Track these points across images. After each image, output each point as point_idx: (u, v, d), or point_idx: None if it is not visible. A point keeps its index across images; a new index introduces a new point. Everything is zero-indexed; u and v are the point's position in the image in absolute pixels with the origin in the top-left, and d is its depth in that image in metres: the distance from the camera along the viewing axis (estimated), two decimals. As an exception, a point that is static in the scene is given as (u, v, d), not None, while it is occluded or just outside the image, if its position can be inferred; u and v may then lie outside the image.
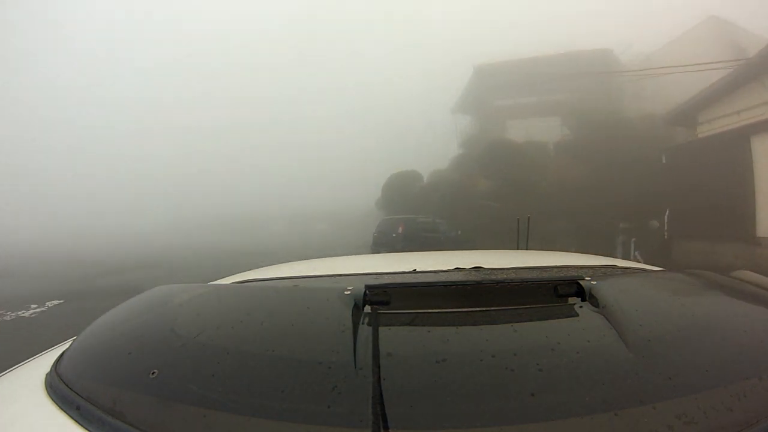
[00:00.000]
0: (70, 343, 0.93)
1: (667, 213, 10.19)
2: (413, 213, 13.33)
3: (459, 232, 12.48)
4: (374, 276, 1.11)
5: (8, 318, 6.58)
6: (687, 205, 9.55)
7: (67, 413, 0.65)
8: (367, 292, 0.73)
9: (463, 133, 17.77)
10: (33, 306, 7.36)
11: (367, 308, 0.72)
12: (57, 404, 0.68)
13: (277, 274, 1.30)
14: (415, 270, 1.15)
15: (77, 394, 0.68)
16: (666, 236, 10.25)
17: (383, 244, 11.85)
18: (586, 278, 0.79)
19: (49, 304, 7.57)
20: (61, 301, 7.72)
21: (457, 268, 1.12)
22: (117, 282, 10.47)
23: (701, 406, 0.57)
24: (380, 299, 0.73)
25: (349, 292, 0.74)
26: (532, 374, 0.61)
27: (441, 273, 1.09)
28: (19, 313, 6.91)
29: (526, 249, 2.31)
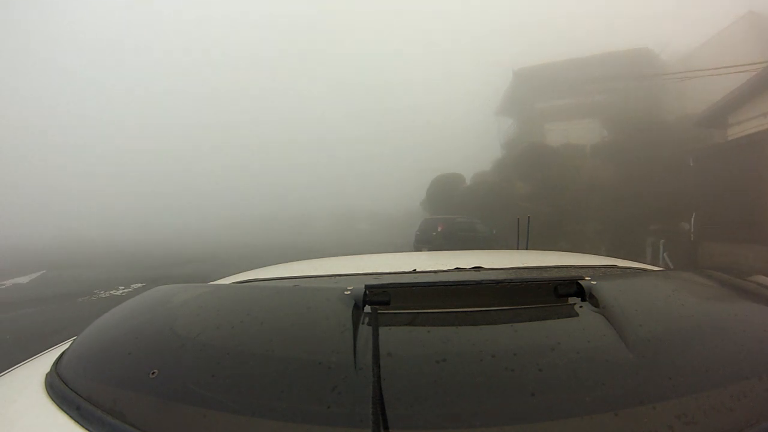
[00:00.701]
0: (70, 343, 0.94)
1: (693, 216, 10.19)
2: (456, 213, 13.84)
3: (494, 231, 12.84)
4: (374, 276, 1.11)
5: (103, 295, 8.51)
6: (713, 207, 9.52)
7: (67, 413, 0.65)
8: (367, 292, 0.73)
9: (504, 136, 17.90)
10: (121, 287, 9.38)
11: (367, 308, 0.72)
12: (57, 404, 0.68)
13: (277, 274, 1.31)
14: (415, 270, 1.15)
15: (77, 394, 0.68)
16: (692, 238, 10.24)
17: (424, 241, 12.48)
18: (586, 278, 0.79)
19: (134, 286, 9.49)
20: (143, 284, 9.49)
21: (457, 268, 1.12)
22: (189, 271, 12.34)
23: (701, 406, 0.57)
24: (380, 299, 0.73)
25: (349, 292, 0.74)
26: (532, 374, 0.61)
27: (441, 273, 1.09)
28: (111, 292, 8.84)
29: (526, 249, 2.31)
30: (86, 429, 0.61)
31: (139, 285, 9.47)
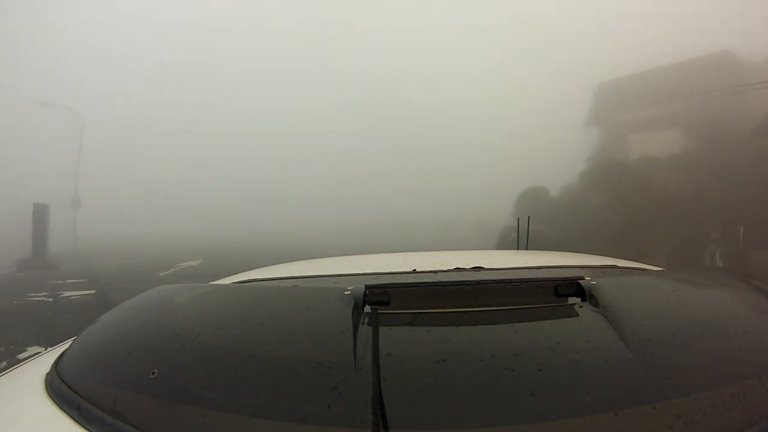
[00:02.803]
0: (70, 343, 0.94)
1: (742, 224, 10.21)
2: (540, 224, 14.47)
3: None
4: (374, 276, 1.11)
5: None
6: (764, 215, 9.57)
7: (67, 413, 0.65)
8: (367, 292, 0.73)
9: (587, 148, 18.30)
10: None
11: (367, 308, 0.72)
12: (57, 404, 0.68)
13: (277, 274, 1.31)
14: (415, 270, 1.15)
15: (77, 394, 0.68)
16: (741, 246, 10.23)
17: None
18: (586, 278, 0.79)
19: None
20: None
21: (457, 268, 1.12)
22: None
23: (701, 406, 0.57)
24: (380, 299, 0.73)
25: (349, 292, 0.74)
26: (532, 374, 0.61)
27: (441, 273, 1.09)
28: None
29: (526, 249, 2.30)
30: (86, 429, 0.61)
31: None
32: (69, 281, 10.18)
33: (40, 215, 13.32)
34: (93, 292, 8.75)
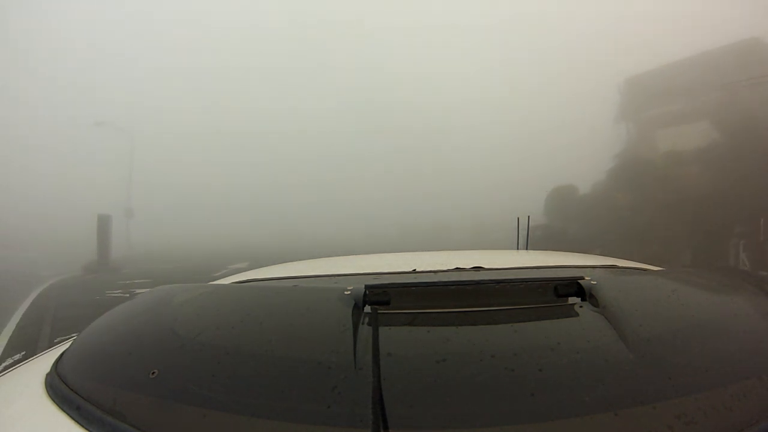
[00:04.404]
0: (70, 343, 0.94)
1: (762, 218, 10.21)
2: (569, 223, 14.79)
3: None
4: (374, 276, 1.11)
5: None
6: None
7: (67, 413, 0.66)
8: (367, 292, 0.73)
9: (616, 145, 18.26)
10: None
11: (367, 308, 0.71)
12: (57, 404, 0.69)
13: (277, 274, 1.31)
14: (414, 270, 1.14)
15: (77, 394, 0.69)
16: (761, 238, 10.17)
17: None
18: (586, 278, 0.79)
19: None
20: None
21: (457, 268, 1.12)
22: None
23: (701, 406, 0.57)
24: (380, 299, 0.73)
25: (349, 292, 0.74)
26: (532, 374, 0.60)
27: (441, 273, 1.09)
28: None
29: (526, 249, 2.27)
30: (86, 429, 0.61)
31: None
32: (136, 281, 11.50)
33: (104, 225, 15.11)
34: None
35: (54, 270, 13.32)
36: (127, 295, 8.87)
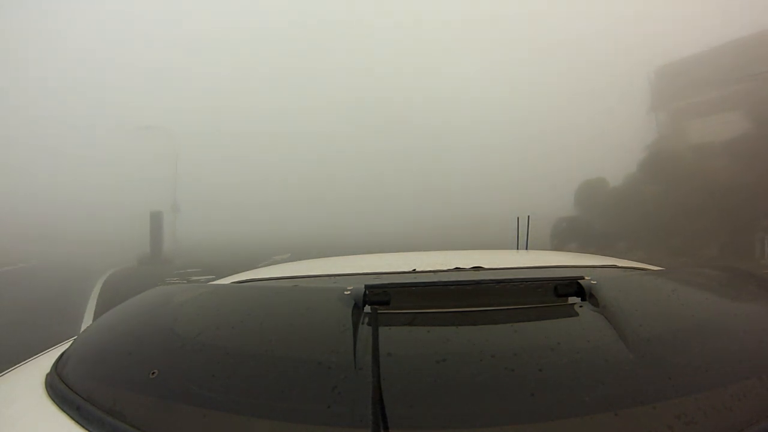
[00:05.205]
0: (70, 343, 0.94)
1: None
2: (595, 216, 15.07)
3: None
4: (374, 276, 1.11)
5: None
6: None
7: (67, 413, 0.66)
8: (367, 292, 0.73)
9: (646, 137, 17.93)
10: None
11: (367, 308, 0.71)
12: (57, 404, 0.69)
13: (277, 274, 1.31)
14: (414, 270, 1.14)
15: (77, 394, 0.69)
16: None
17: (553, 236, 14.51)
18: (586, 278, 0.78)
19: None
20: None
21: (456, 268, 1.12)
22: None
23: (701, 406, 0.57)
24: (380, 299, 0.72)
25: (349, 292, 0.74)
26: (532, 374, 0.60)
27: (441, 273, 1.09)
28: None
29: (526, 249, 2.25)
30: (86, 429, 0.61)
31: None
32: (189, 270, 13.06)
33: (156, 220, 16.94)
34: (213, 276, 10.81)
35: (109, 262, 14.80)
36: (185, 281, 10.09)
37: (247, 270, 1.43)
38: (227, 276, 1.40)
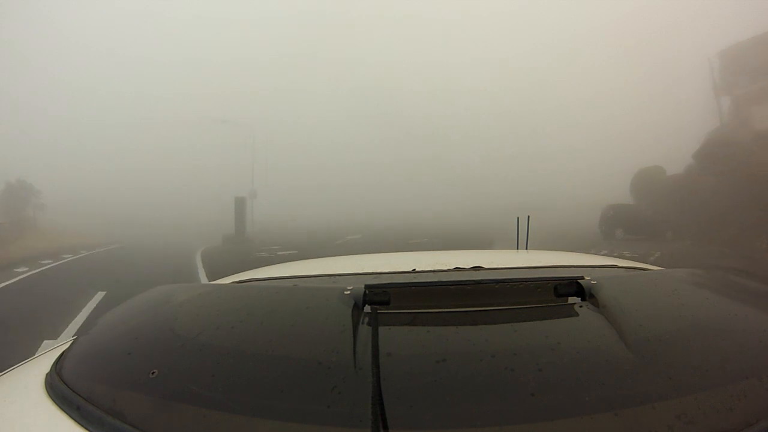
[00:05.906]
0: (70, 343, 0.94)
1: None
2: (652, 206, 15.31)
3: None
4: (374, 276, 1.11)
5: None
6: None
7: (67, 413, 0.66)
8: (366, 291, 0.73)
9: (706, 125, 17.13)
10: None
11: (367, 308, 0.71)
12: (57, 404, 0.69)
13: (277, 274, 1.31)
14: (414, 270, 1.14)
15: (77, 394, 0.69)
16: None
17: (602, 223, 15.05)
18: (586, 278, 0.78)
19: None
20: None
21: (456, 268, 1.12)
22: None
23: (701, 406, 0.57)
24: (380, 299, 0.72)
25: (348, 292, 0.74)
26: (532, 374, 0.60)
27: (441, 273, 1.09)
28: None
29: (526, 249, 2.24)
30: (86, 429, 0.61)
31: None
32: (273, 247, 15.27)
33: (240, 204, 20.13)
34: (296, 252, 13.16)
35: (198, 242, 17.82)
36: (272, 256, 12.34)
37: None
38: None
